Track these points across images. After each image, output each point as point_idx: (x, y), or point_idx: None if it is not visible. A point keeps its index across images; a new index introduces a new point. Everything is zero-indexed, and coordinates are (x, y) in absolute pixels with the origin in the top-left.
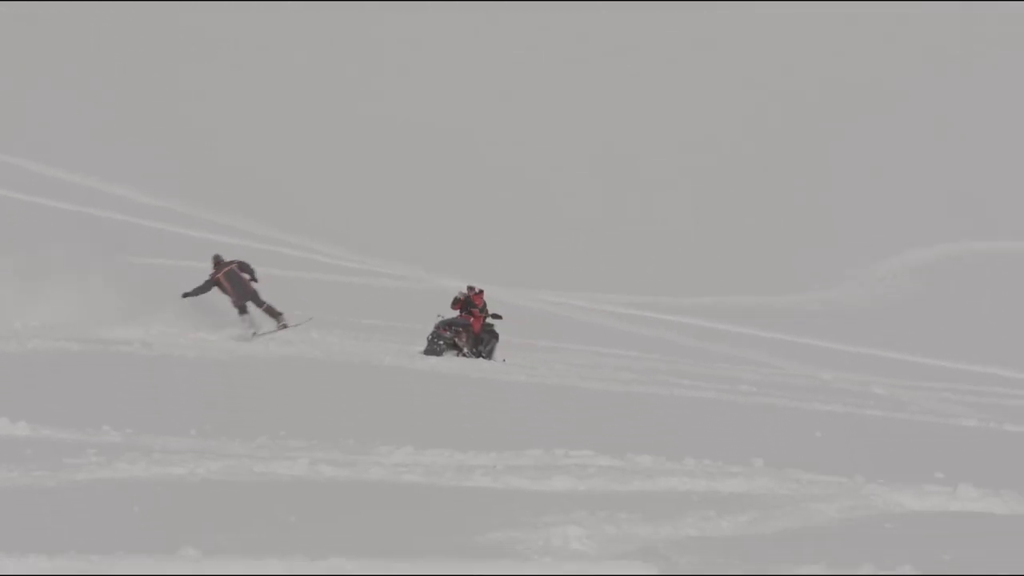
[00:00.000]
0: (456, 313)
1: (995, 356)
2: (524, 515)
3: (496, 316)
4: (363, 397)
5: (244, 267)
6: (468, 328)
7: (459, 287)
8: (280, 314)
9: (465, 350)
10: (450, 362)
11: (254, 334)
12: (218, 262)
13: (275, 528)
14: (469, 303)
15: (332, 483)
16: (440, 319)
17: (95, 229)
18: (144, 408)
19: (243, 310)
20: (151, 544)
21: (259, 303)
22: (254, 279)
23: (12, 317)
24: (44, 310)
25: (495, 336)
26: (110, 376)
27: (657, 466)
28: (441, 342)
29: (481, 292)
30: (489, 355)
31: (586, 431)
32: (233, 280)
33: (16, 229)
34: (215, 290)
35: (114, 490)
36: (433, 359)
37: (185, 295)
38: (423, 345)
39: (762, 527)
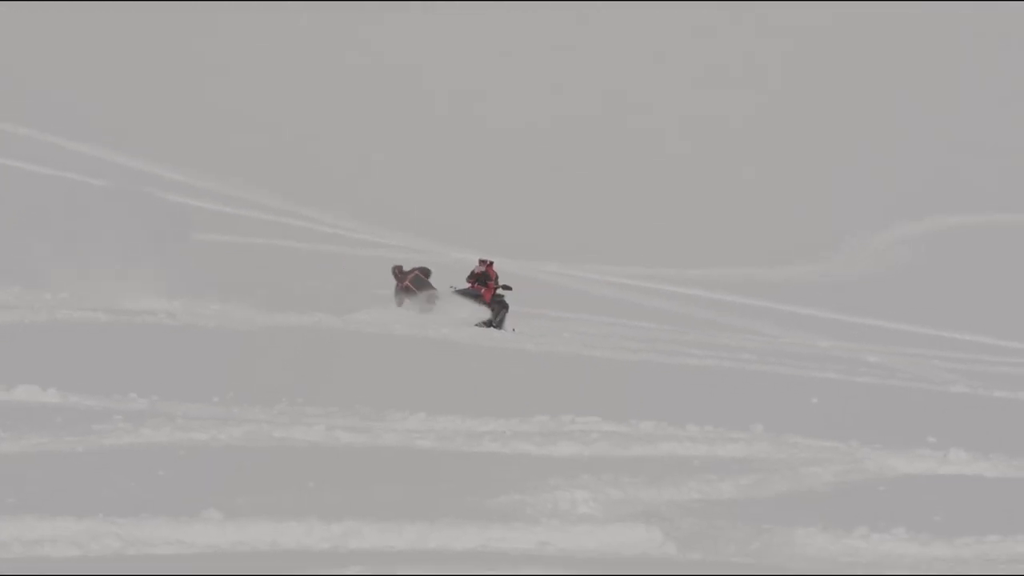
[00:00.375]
0: (468, 286)
1: (983, 325)
2: (531, 479)
3: (506, 287)
4: (378, 365)
5: (426, 272)
6: (479, 299)
7: (472, 260)
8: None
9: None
10: (461, 331)
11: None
12: (399, 272)
13: (293, 492)
14: (485, 276)
15: (348, 448)
16: (452, 290)
17: (130, 205)
18: (169, 376)
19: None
20: (176, 507)
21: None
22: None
23: (43, 288)
24: (74, 281)
25: (505, 306)
26: (136, 345)
27: (660, 431)
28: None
29: (491, 264)
30: (500, 325)
31: (592, 398)
32: (420, 284)
33: (51, 205)
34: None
35: (140, 455)
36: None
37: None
38: (436, 316)
39: (761, 490)
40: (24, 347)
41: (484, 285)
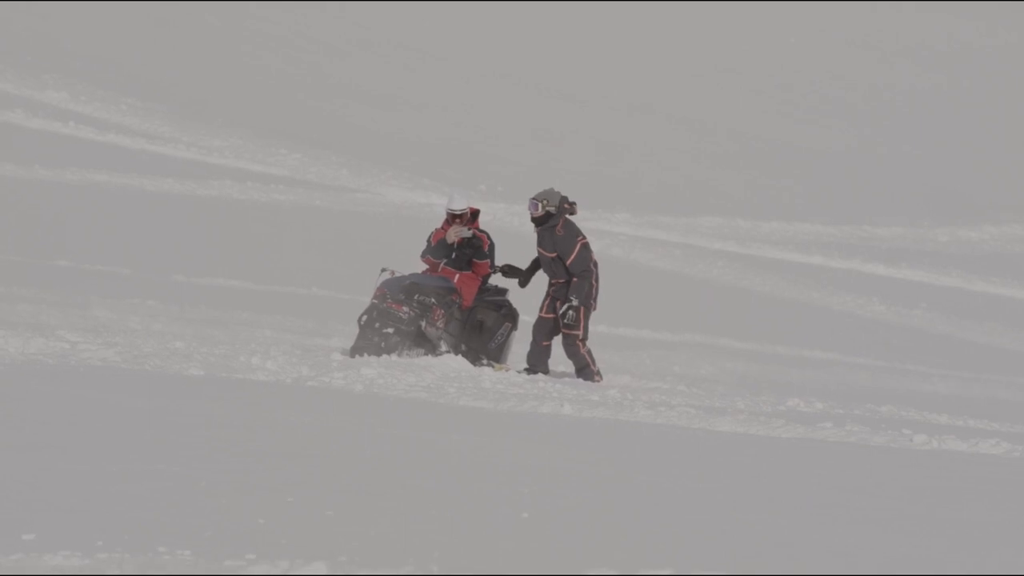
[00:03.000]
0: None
1: None
2: None
3: (512, 271)
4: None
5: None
6: (447, 297)
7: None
8: None
9: (442, 343)
10: (410, 373)
11: None
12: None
13: None
14: (470, 245)
15: None
16: (386, 276)
17: None
18: None
19: None
20: None
21: None
22: None
23: None
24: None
25: (508, 316)
26: None
27: None
28: (390, 329)
29: (476, 214)
30: (499, 355)
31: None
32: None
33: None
34: None
35: None
36: (369, 367)
37: None
38: (352, 336)
39: None
40: None
41: (476, 256)
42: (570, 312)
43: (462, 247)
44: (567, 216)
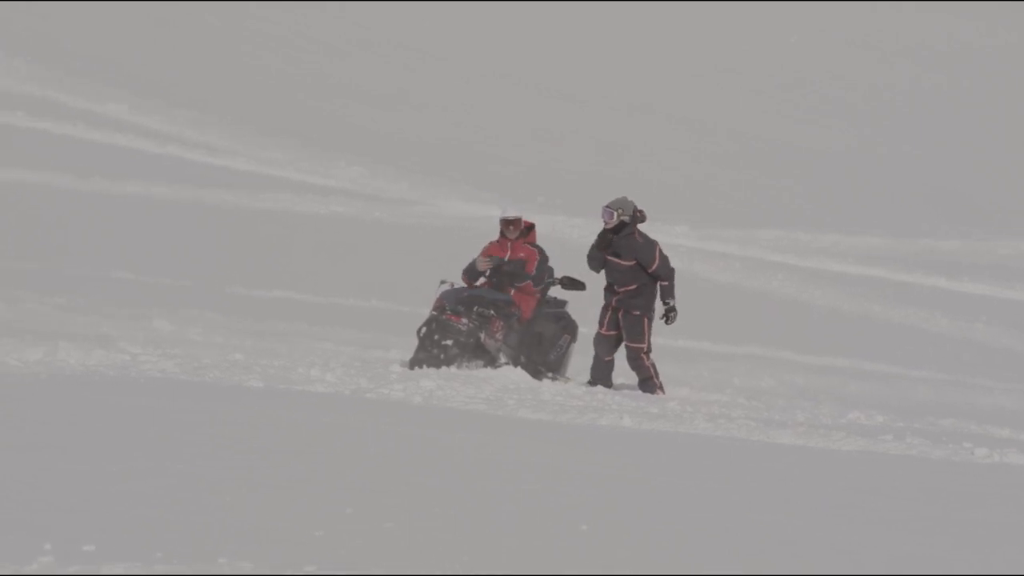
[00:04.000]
0: (477, 282)
1: None
2: None
3: (571, 282)
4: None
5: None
6: (507, 309)
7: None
8: None
9: (501, 355)
10: (469, 385)
11: None
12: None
13: None
14: (519, 263)
15: None
16: (445, 287)
17: None
18: None
19: None
20: None
21: None
22: None
23: None
24: None
25: (568, 328)
26: None
27: None
28: (449, 341)
29: (530, 229)
30: (558, 367)
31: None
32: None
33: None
34: None
35: None
36: (428, 379)
37: None
38: (411, 348)
39: None
40: None
41: (513, 281)
42: (672, 314)
43: (496, 273)
44: (642, 222)
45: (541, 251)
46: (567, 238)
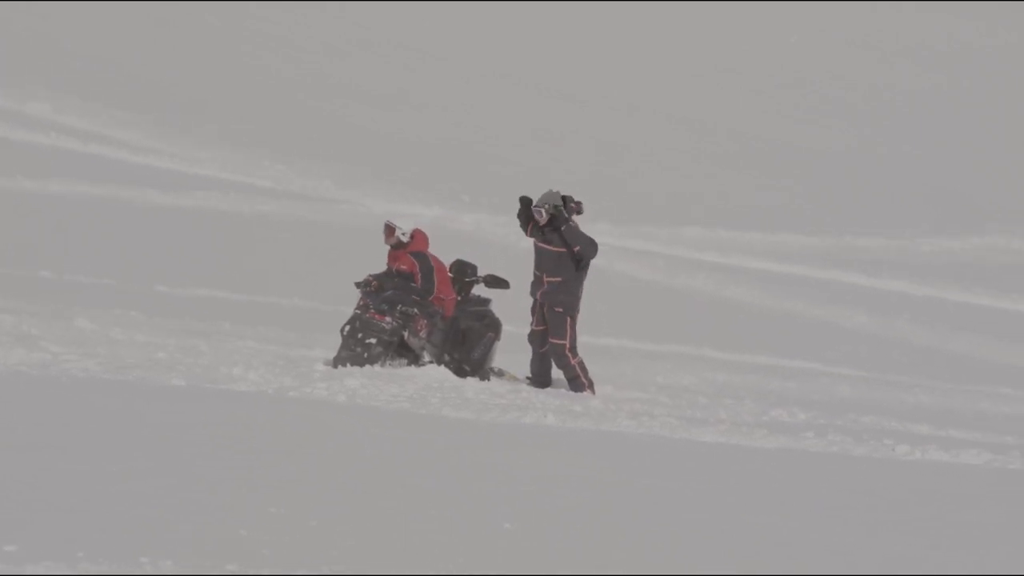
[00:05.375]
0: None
1: None
2: None
3: (495, 281)
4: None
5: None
6: (429, 306)
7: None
8: None
9: (425, 353)
10: (393, 383)
11: None
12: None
13: None
14: (423, 262)
15: None
16: (365, 286)
17: None
18: None
19: None
20: None
21: None
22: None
23: None
24: None
25: (492, 326)
26: None
27: None
28: (373, 339)
29: (414, 235)
30: (480, 365)
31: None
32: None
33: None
34: None
35: None
36: (352, 378)
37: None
38: (335, 347)
39: None
40: None
41: (419, 290)
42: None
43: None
44: (574, 217)
45: (422, 260)
46: (504, 235)
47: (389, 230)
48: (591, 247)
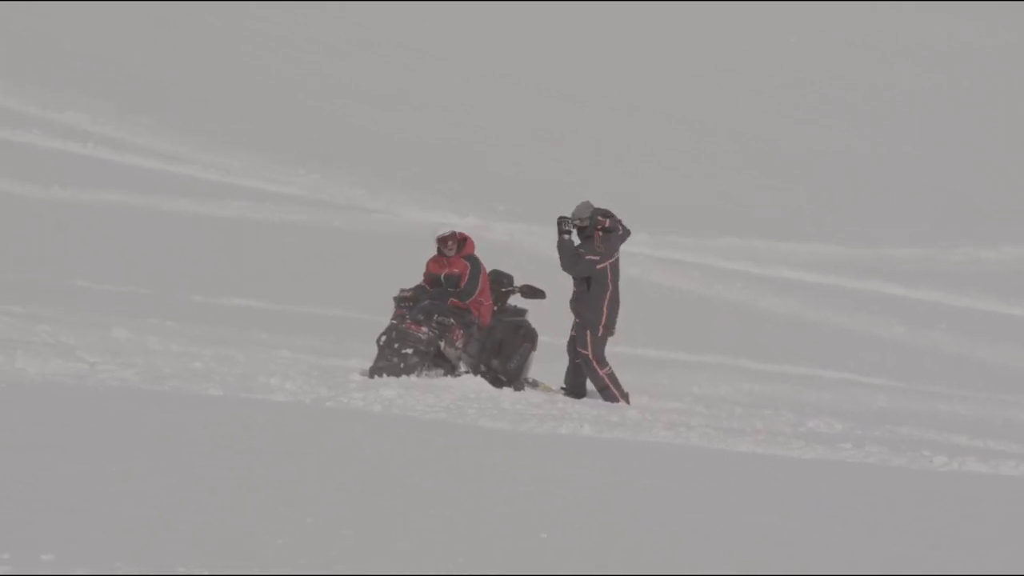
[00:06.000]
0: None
1: None
2: None
3: (531, 291)
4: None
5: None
6: (466, 316)
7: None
8: None
9: (461, 363)
10: (429, 394)
11: None
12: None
13: None
14: (476, 275)
15: None
16: (404, 296)
17: None
18: None
19: None
20: None
21: None
22: None
23: None
24: None
25: (528, 336)
26: None
27: None
28: (409, 350)
29: (464, 240)
30: (517, 374)
31: None
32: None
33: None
34: None
35: None
36: (388, 388)
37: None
38: (371, 357)
39: None
40: None
41: (460, 291)
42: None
43: (449, 281)
44: (606, 230)
45: (475, 263)
46: (537, 245)
47: (450, 238)
48: (570, 264)
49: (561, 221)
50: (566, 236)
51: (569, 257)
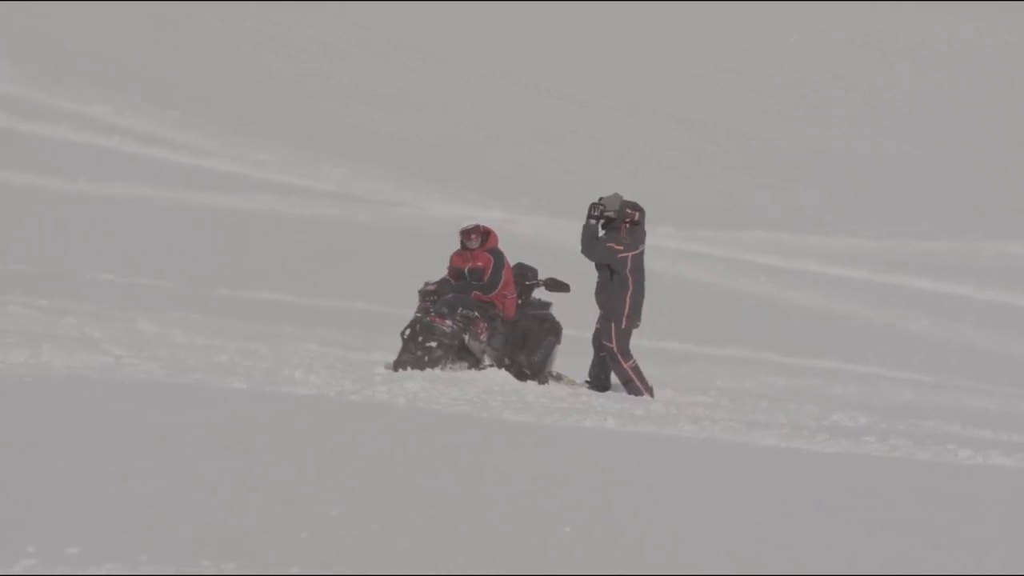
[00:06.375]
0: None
1: None
2: None
3: (556, 284)
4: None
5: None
6: (490, 310)
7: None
8: None
9: (486, 356)
10: (454, 387)
11: None
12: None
13: None
14: (496, 270)
15: None
16: (428, 290)
17: None
18: None
19: None
20: None
21: None
22: None
23: None
24: None
25: (552, 329)
26: None
27: None
28: (433, 343)
29: (488, 234)
30: (541, 367)
31: None
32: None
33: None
34: None
35: None
36: (412, 381)
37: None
38: (395, 350)
39: None
40: None
41: (483, 284)
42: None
43: (473, 274)
44: (633, 223)
45: (498, 256)
46: (563, 240)
47: (473, 232)
48: (588, 248)
49: (592, 207)
50: (592, 221)
51: (588, 241)
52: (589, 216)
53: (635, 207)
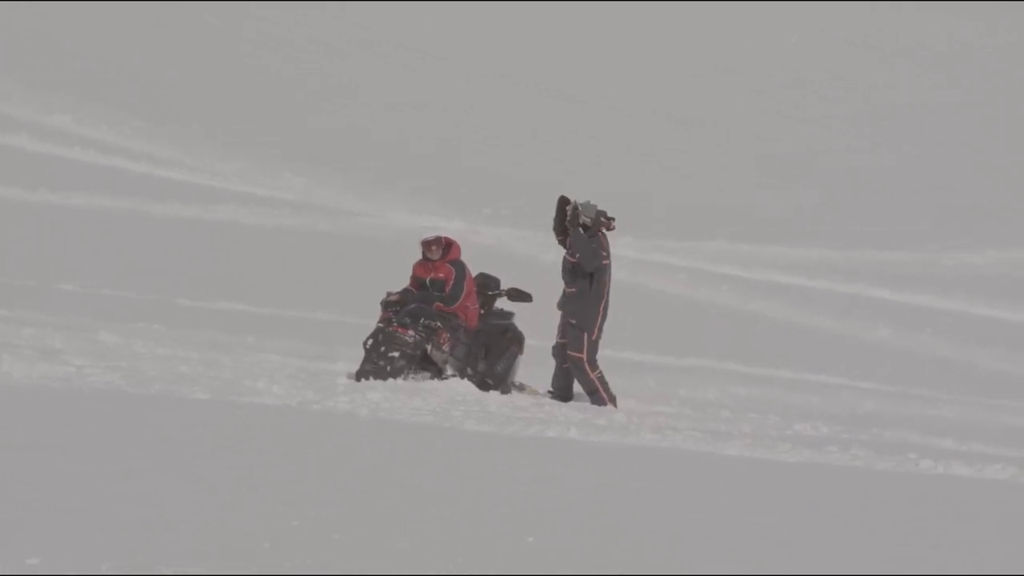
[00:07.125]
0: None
1: None
2: None
3: (518, 295)
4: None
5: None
6: (452, 320)
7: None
8: None
9: (448, 366)
10: (416, 397)
11: None
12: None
13: None
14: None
15: None
16: (390, 300)
17: None
18: None
19: None
20: None
21: None
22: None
23: None
24: None
25: (515, 339)
26: None
27: None
28: (395, 353)
29: (450, 245)
30: (503, 378)
31: None
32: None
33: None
34: None
35: None
36: (375, 391)
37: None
38: (357, 360)
39: None
40: None
41: (445, 297)
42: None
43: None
44: (604, 231)
45: (460, 268)
46: (527, 249)
47: (434, 243)
48: (589, 259)
49: (563, 200)
50: (580, 230)
51: (589, 251)
52: (576, 224)
53: (608, 216)
